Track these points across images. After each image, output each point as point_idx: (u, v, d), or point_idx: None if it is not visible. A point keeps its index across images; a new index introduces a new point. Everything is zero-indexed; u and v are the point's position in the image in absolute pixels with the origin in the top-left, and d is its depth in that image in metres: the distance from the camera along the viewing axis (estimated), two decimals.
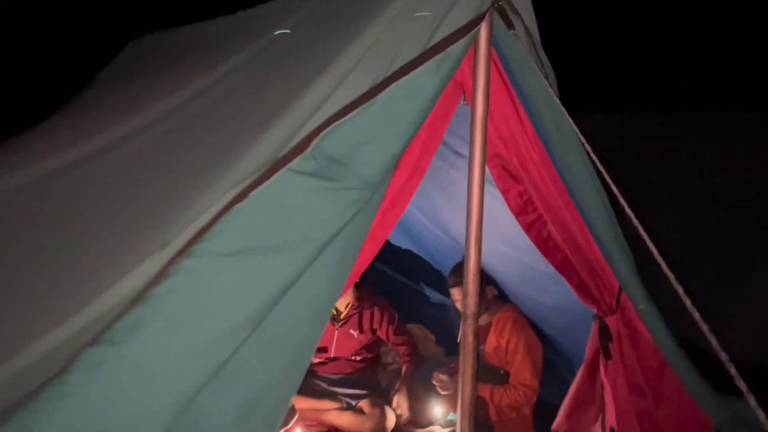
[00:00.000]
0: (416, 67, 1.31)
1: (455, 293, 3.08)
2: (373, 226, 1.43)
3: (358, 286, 3.61)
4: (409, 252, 3.55)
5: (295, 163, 1.22)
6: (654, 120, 4.18)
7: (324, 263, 1.28)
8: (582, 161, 1.68)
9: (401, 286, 4.12)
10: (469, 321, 1.60)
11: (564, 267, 1.87)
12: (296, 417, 3.24)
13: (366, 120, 1.29)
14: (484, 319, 3.16)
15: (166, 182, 1.37)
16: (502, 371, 3.08)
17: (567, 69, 2.03)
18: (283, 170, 1.22)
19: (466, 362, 1.63)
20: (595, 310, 1.98)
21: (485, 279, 3.06)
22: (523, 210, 1.78)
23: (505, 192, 1.77)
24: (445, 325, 4.03)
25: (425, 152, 1.55)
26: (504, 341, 3.04)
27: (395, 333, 3.53)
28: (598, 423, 2.11)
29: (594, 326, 2.02)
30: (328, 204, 1.26)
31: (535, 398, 3.00)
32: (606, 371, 1.99)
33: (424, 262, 3.69)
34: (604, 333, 1.96)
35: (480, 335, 3.20)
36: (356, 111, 1.27)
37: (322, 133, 1.24)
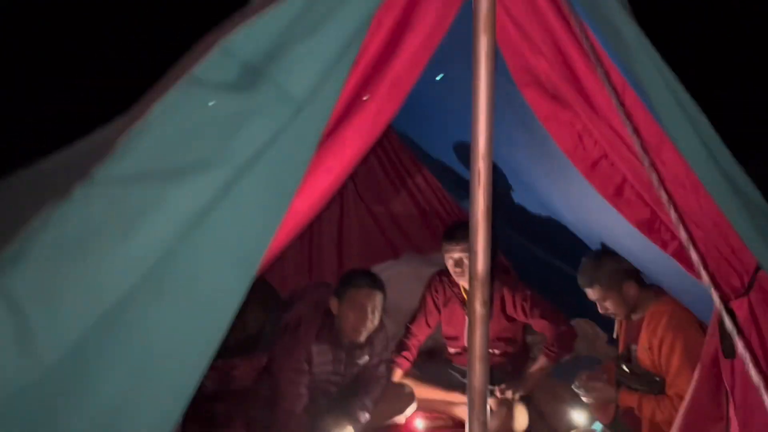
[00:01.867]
0: None
1: (591, 294, 2.57)
2: (327, 156, 1.18)
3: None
4: (563, 227, 3.04)
5: (198, 69, 1.05)
6: None
7: (243, 196, 1.09)
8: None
9: (564, 273, 3.58)
10: (476, 284, 1.24)
11: (651, 226, 1.36)
12: (414, 405, 3.01)
13: (289, 15, 1.06)
14: (636, 315, 2.58)
15: None
16: (657, 378, 2.47)
17: None
18: (184, 79, 1.06)
19: (474, 338, 1.27)
20: (713, 291, 1.42)
21: (621, 273, 2.48)
22: (579, 144, 1.32)
23: (546, 120, 1.33)
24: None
25: (412, 67, 1.22)
26: (657, 341, 2.43)
27: (536, 315, 3.07)
28: None
29: (714, 316, 1.45)
30: (240, 121, 1.06)
31: None
32: (730, 375, 1.41)
33: (584, 244, 3.14)
34: (726, 323, 1.39)
35: (631, 333, 2.63)
36: (276, 3, 1.05)
37: (232, 33, 1.05)
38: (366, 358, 2.89)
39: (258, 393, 2.82)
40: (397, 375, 3.17)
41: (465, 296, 3.21)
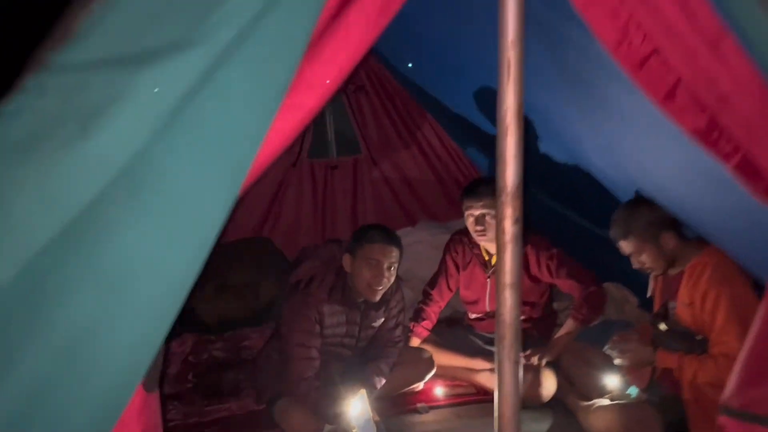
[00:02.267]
0: None
1: (625, 247, 2.36)
2: (328, 43, 1.00)
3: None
4: (592, 181, 2.83)
5: None
6: None
7: (226, 85, 0.91)
8: None
9: (591, 235, 3.38)
10: (506, 199, 1.05)
11: (708, 136, 1.16)
12: (433, 371, 2.84)
13: None
14: (673, 269, 2.37)
15: None
16: (698, 337, 2.26)
17: None
18: None
19: (504, 261, 1.09)
20: None
21: (659, 223, 2.27)
22: (625, 38, 1.11)
23: (585, 7, 1.12)
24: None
25: None
26: (699, 295, 2.22)
27: (563, 274, 2.87)
28: None
29: None
30: None
31: None
32: None
33: (615, 200, 2.92)
34: None
35: (669, 289, 2.42)
36: None
37: None
38: (381, 320, 2.72)
39: (269, 358, 2.66)
40: (414, 343, 3.00)
41: (486, 257, 3.02)
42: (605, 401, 2.45)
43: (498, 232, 1.08)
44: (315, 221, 4.25)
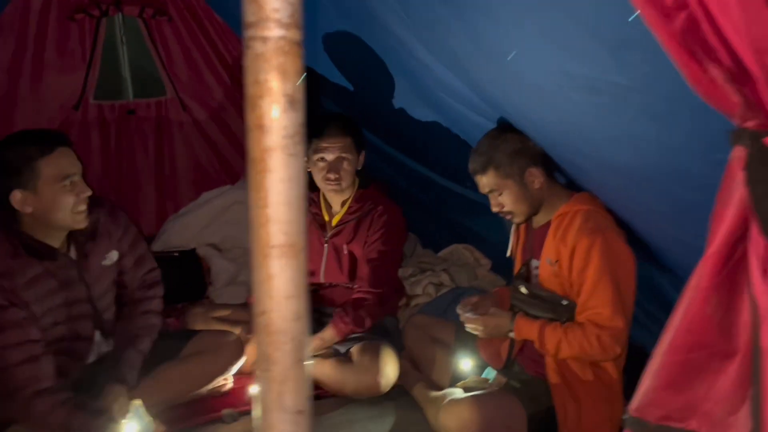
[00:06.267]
0: None
1: (483, 183, 1.87)
2: None
3: (368, 179, 2.46)
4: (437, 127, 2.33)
5: None
6: None
7: None
8: None
9: (436, 189, 2.90)
10: None
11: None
12: (243, 360, 2.18)
13: None
14: (539, 219, 1.92)
15: None
16: (564, 301, 1.83)
17: None
18: None
19: None
20: (737, 119, 0.72)
21: (527, 156, 1.81)
22: None
23: None
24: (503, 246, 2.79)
25: None
26: (567, 249, 1.78)
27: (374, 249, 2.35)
28: (744, 410, 0.81)
29: (735, 154, 0.74)
30: None
31: (619, 349, 1.74)
32: None
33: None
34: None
35: (532, 245, 1.98)
36: None
37: None
38: (114, 254, 1.98)
39: None
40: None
41: (327, 218, 2.42)
42: (458, 392, 1.96)
43: None
44: (107, 178, 3.36)
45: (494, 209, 1.87)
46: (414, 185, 3.07)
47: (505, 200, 1.83)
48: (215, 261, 3.16)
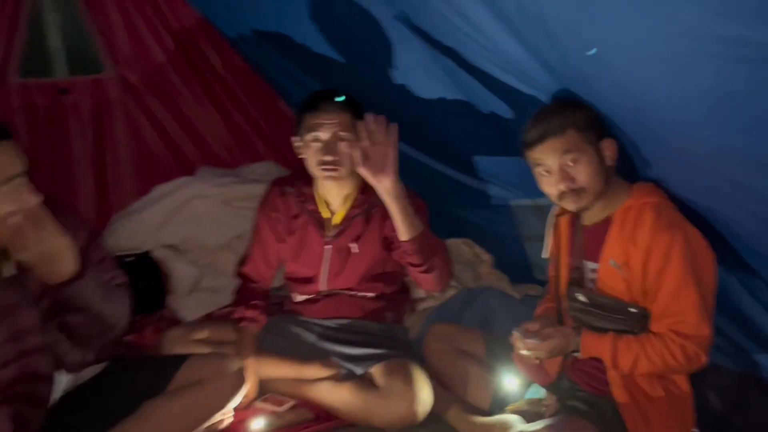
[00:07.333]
0: None
1: (550, 151, 1.58)
2: None
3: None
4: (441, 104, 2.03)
5: None
6: None
7: None
8: None
9: (433, 176, 2.61)
10: None
11: None
12: (245, 389, 1.80)
13: None
14: (594, 215, 1.67)
15: None
16: (632, 308, 1.61)
17: None
18: None
19: None
20: None
21: (603, 125, 1.58)
22: None
23: None
24: (509, 242, 2.55)
25: None
26: (639, 251, 1.56)
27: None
28: None
29: None
30: None
31: (705, 357, 1.54)
32: None
33: (479, 128, 2.14)
34: None
35: (582, 243, 1.74)
36: None
37: None
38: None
39: None
40: None
41: (326, 214, 2.07)
42: (513, 418, 1.70)
43: None
44: (35, 170, 2.82)
45: (560, 187, 1.57)
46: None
47: (580, 171, 1.54)
48: (175, 265, 2.74)
